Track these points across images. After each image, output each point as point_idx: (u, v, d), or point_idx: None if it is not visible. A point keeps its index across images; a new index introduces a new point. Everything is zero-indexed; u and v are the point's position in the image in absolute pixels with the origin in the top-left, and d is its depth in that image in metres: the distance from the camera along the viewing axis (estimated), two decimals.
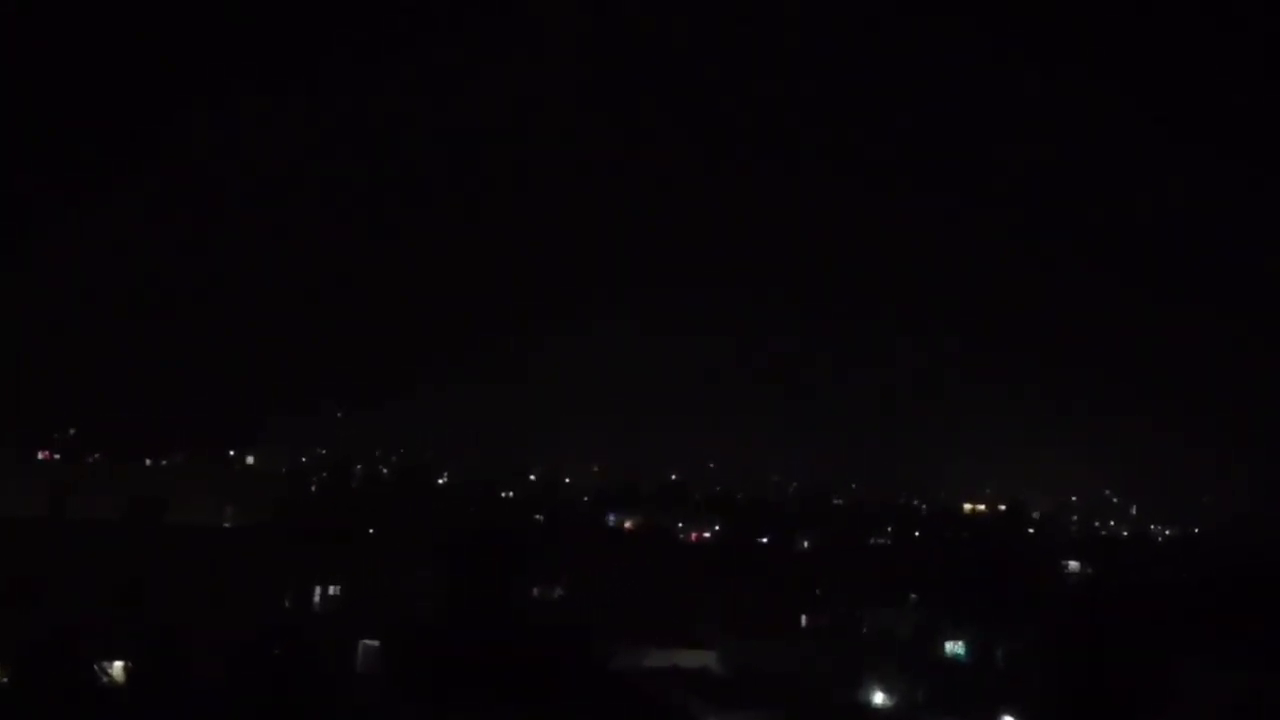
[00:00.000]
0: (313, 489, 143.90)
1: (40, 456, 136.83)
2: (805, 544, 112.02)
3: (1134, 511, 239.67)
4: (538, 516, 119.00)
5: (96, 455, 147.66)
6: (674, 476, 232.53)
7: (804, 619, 69.13)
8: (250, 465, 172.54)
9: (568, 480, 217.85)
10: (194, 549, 54.26)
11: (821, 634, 66.20)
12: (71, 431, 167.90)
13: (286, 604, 54.01)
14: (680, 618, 61.05)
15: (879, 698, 53.86)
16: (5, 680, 40.64)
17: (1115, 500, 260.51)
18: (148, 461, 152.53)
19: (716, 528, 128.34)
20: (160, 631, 42.61)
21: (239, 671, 38.75)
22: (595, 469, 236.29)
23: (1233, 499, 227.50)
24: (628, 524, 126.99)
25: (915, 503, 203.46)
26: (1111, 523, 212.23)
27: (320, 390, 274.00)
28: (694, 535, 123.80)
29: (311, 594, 56.07)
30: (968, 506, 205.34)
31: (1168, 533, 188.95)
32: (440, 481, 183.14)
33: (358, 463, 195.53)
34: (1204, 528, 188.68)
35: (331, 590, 56.38)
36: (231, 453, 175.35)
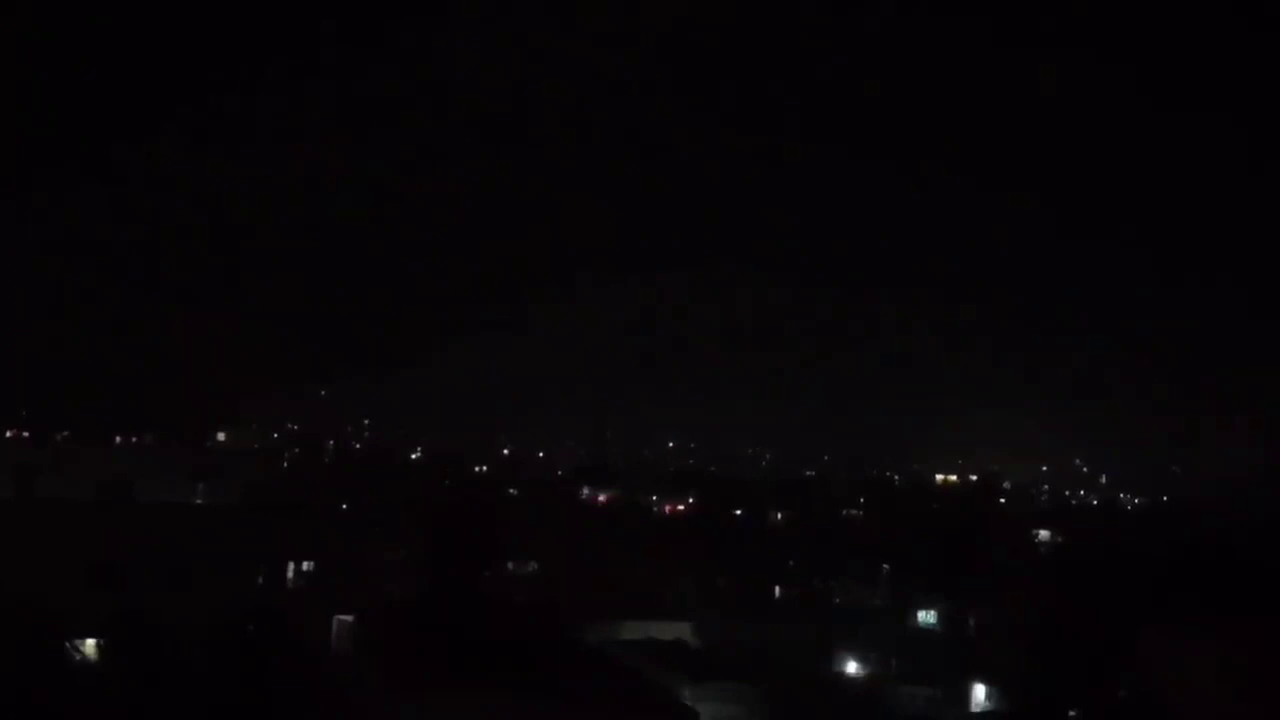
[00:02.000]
0: (285, 465, 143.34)
1: (8, 435, 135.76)
2: (779, 516, 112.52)
3: (1103, 480, 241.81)
4: (511, 491, 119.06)
5: (65, 434, 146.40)
6: (647, 451, 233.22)
7: (777, 590, 69.53)
8: (221, 442, 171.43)
9: (542, 454, 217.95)
10: (165, 527, 54.03)
11: (795, 605, 66.62)
12: (39, 409, 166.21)
13: (260, 580, 53.88)
14: (655, 590, 61.29)
15: (852, 668, 54.32)
16: None
17: (1085, 470, 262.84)
18: (118, 440, 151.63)
19: (691, 501, 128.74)
20: (133, 609, 42.41)
21: (213, 648, 38.64)
22: (570, 443, 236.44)
23: (1201, 468, 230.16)
24: (601, 498, 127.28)
25: (888, 474, 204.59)
26: (1081, 492, 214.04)
27: (294, 368, 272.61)
28: (668, 508, 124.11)
29: (285, 570, 55.97)
30: (940, 478, 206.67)
31: (1137, 501, 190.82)
32: (414, 456, 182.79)
33: (330, 439, 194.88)
34: (1172, 496, 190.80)
35: (305, 566, 56.29)
36: (202, 430, 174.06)
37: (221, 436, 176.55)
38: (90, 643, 43.03)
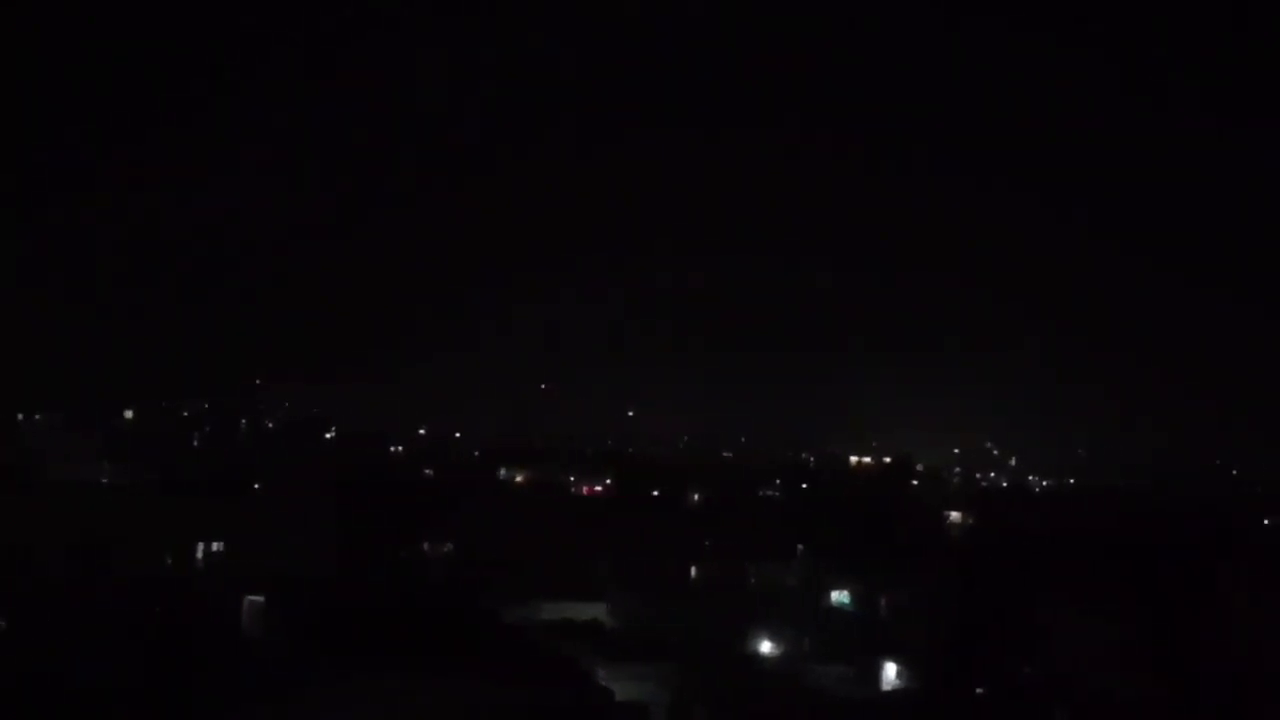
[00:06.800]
0: (195, 444, 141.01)
1: None
2: (696, 497, 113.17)
3: (1013, 463, 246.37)
4: (427, 471, 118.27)
5: None
6: (566, 432, 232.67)
7: (694, 570, 69.97)
8: (129, 420, 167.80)
9: (459, 435, 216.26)
10: (70, 506, 52.93)
11: (711, 585, 67.10)
12: None
13: (168, 561, 53.01)
14: (571, 570, 61.37)
15: (766, 647, 54.88)
16: None
17: (995, 452, 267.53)
18: (20, 417, 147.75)
19: (609, 481, 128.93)
20: (37, 590, 41.44)
21: (118, 629, 37.89)
22: (489, 425, 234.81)
23: (1106, 451, 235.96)
24: (519, 478, 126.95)
25: (804, 456, 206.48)
26: (992, 474, 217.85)
27: (215, 354, 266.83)
28: (585, 489, 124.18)
29: (194, 550, 55.12)
30: (854, 459, 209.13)
31: (1045, 483, 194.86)
32: (328, 435, 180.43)
33: (242, 417, 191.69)
34: (1078, 479, 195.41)
35: (214, 546, 55.49)
36: (110, 409, 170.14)
37: (129, 414, 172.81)
38: None
